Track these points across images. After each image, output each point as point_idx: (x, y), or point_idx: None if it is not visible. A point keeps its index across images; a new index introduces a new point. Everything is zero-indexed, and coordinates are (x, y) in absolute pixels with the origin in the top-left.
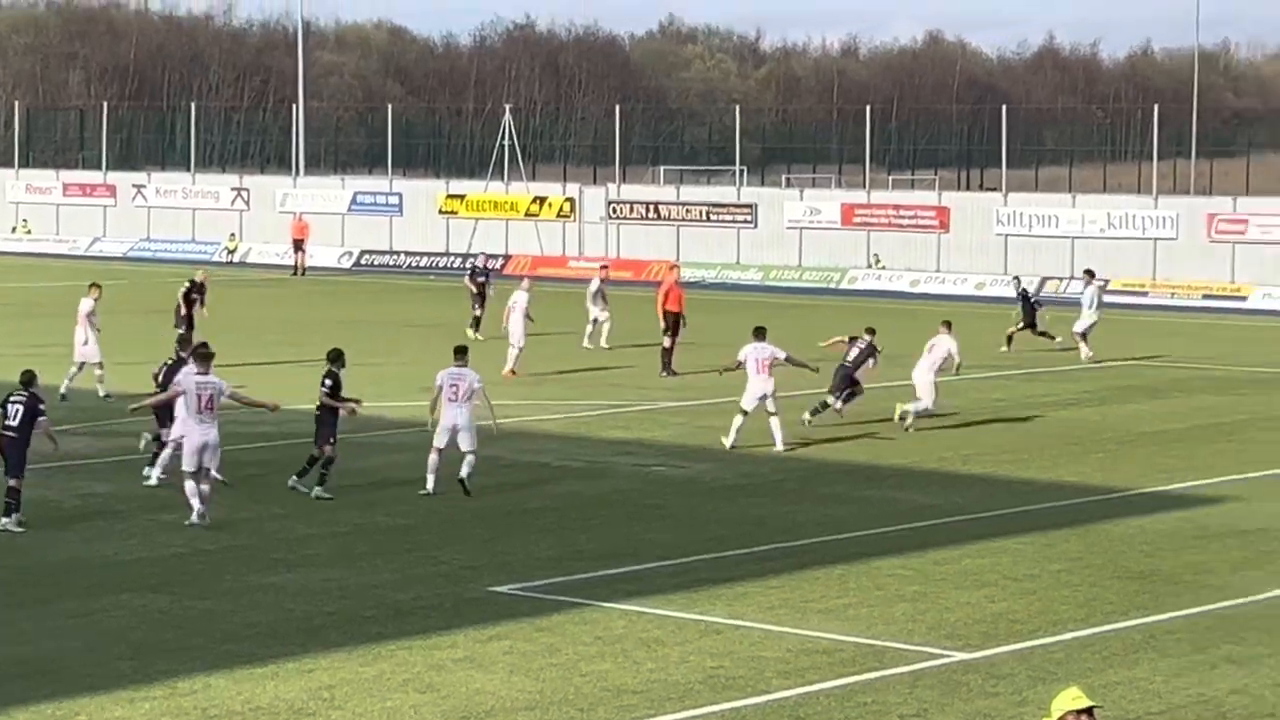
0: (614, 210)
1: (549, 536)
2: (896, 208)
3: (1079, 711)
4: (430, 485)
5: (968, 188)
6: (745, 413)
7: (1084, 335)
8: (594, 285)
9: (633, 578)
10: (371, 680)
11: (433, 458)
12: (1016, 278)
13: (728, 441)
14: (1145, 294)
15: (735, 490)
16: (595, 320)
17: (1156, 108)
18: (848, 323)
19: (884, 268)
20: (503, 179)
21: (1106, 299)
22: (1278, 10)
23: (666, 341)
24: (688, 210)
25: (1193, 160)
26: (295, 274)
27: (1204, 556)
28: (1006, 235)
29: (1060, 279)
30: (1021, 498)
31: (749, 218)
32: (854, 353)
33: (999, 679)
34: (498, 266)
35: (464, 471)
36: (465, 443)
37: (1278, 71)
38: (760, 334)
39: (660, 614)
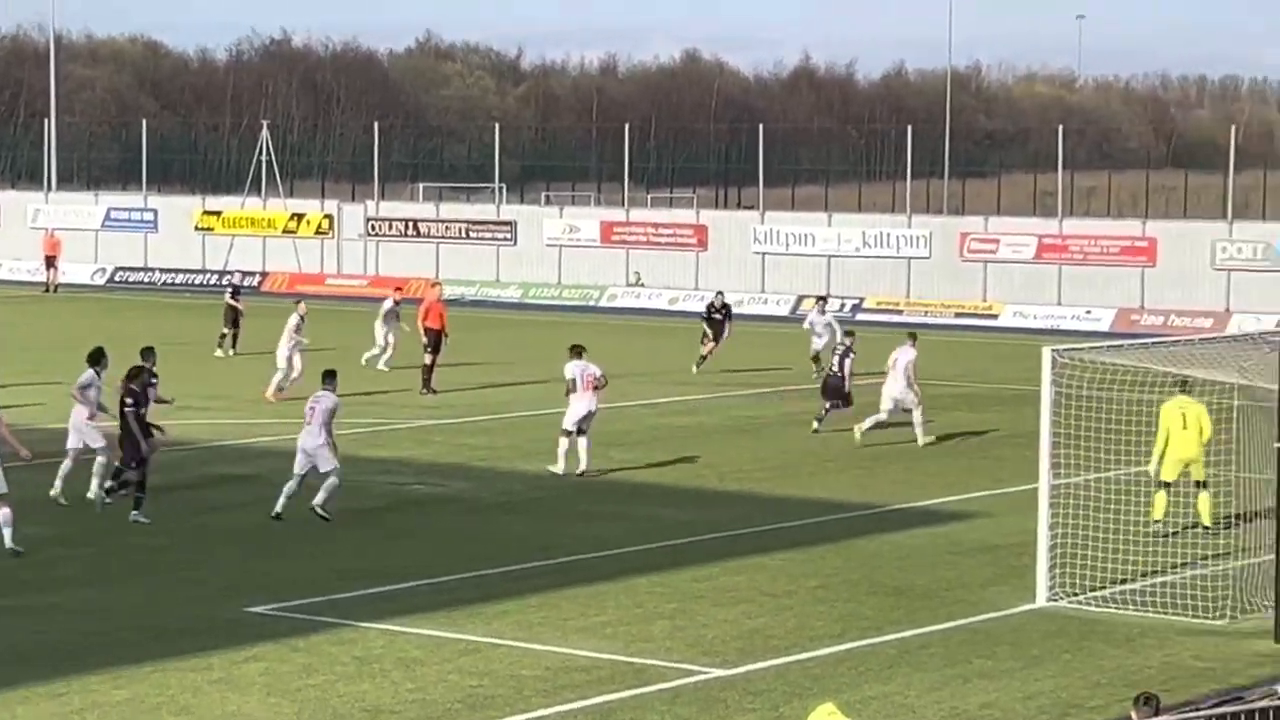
0: (373, 227)
1: (307, 556)
2: (655, 226)
3: None
4: (279, 506)
5: (725, 206)
6: (569, 433)
7: (816, 358)
8: (387, 305)
9: (391, 597)
10: (125, 703)
11: (290, 483)
12: (720, 293)
13: (558, 468)
14: (900, 312)
15: (495, 509)
16: (384, 342)
17: (910, 128)
18: (607, 341)
19: (643, 285)
20: (260, 195)
21: (861, 317)
22: (1028, 33)
23: (427, 359)
24: (447, 227)
25: (945, 180)
26: (47, 290)
27: (957, 571)
28: (764, 253)
29: (826, 296)
30: (778, 514)
31: (508, 235)
32: (836, 363)
33: (755, 695)
34: (255, 284)
35: (318, 498)
36: (321, 465)
37: (1027, 93)
38: (578, 352)
39: (419, 633)
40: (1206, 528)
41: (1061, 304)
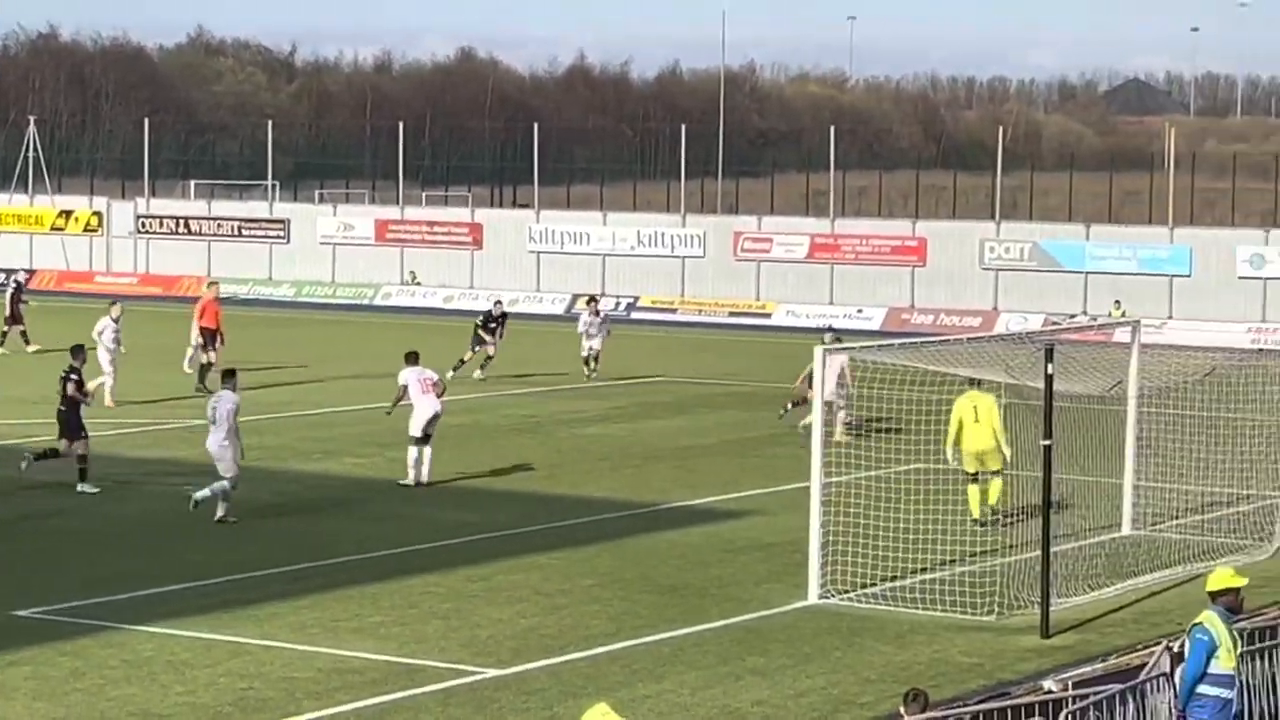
0: (144, 225)
1: (74, 558)
2: (430, 224)
3: None
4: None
5: (501, 205)
6: (418, 440)
7: (587, 360)
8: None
9: (160, 600)
10: None
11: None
12: (499, 302)
13: (410, 479)
14: (674, 311)
15: (269, 509)
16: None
17: (685, 127)
18: (382, 340)
19: (419, 284)
20: (27, 192)
21: (636, 316)
22: (800, 34)
23: (203, 358)
24: (219, 225)
25: (719, 179)
26: None
27: (730, 570)
28: (539, 252)
29: (597, 296)
30: (553, 513)
31: (282, 233)
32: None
33: (529, 694)
34: (24, 280)
35: (202, 492)
36: (221, 469)
37: (800, 93)
38: (413, 359)
39: (189, 635)
40: (975, 519)
41: (833, 303)
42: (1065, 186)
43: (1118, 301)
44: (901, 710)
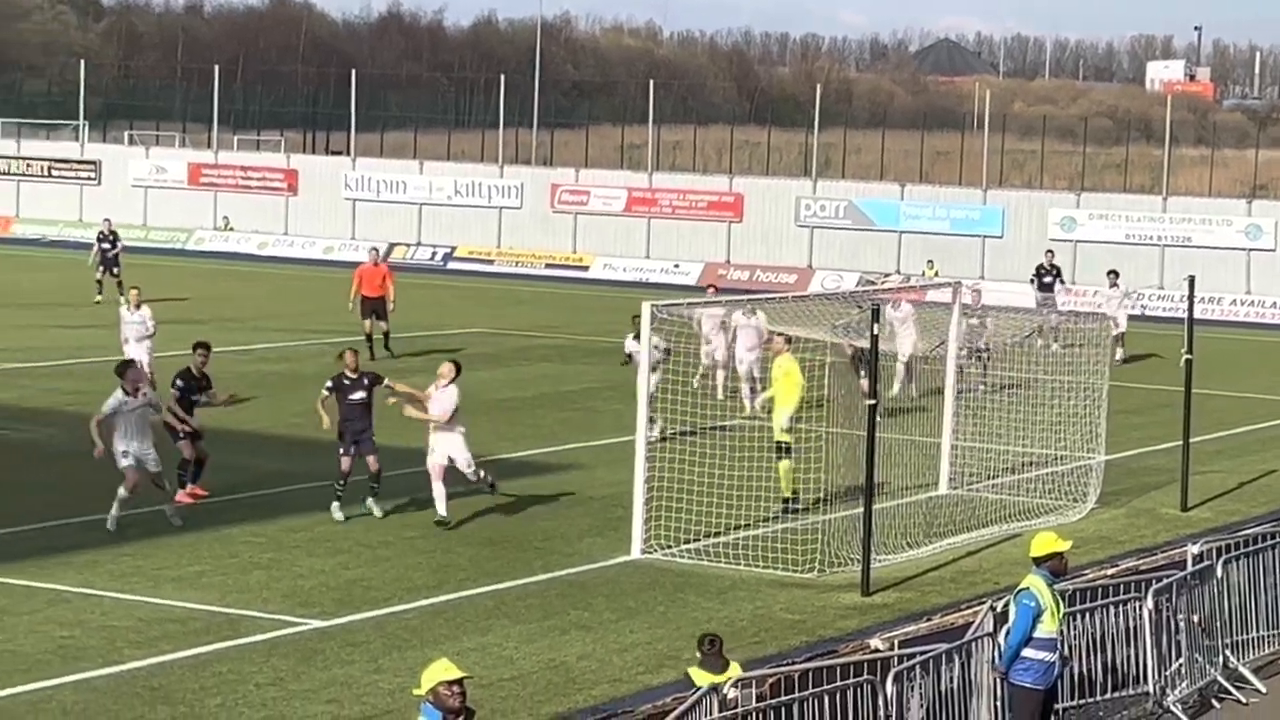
0: None
1: None
2: (245, 169)
3: (450, 683)
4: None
5: (314, 151)
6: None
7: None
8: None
9: None
10: None
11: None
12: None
13: None
14: (491, 261)
15: (84, 455)
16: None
17: (502, 77)
18: (195, 286)
19: (232, 230)
20: None
21: (453, 266)
22: None
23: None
24: (28, 165)
25: (534, 130)
26: None
27: (553, 523)
28: (355, 200)
29: (408, 245)
30: None
31: (92, 174)
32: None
33: (354, 646)
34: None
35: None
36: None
37: (614, 44)
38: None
39: (6, 582)
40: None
41: (650, 257)
42: (878, 145)
43: (930, 261)
44: (698, 655)
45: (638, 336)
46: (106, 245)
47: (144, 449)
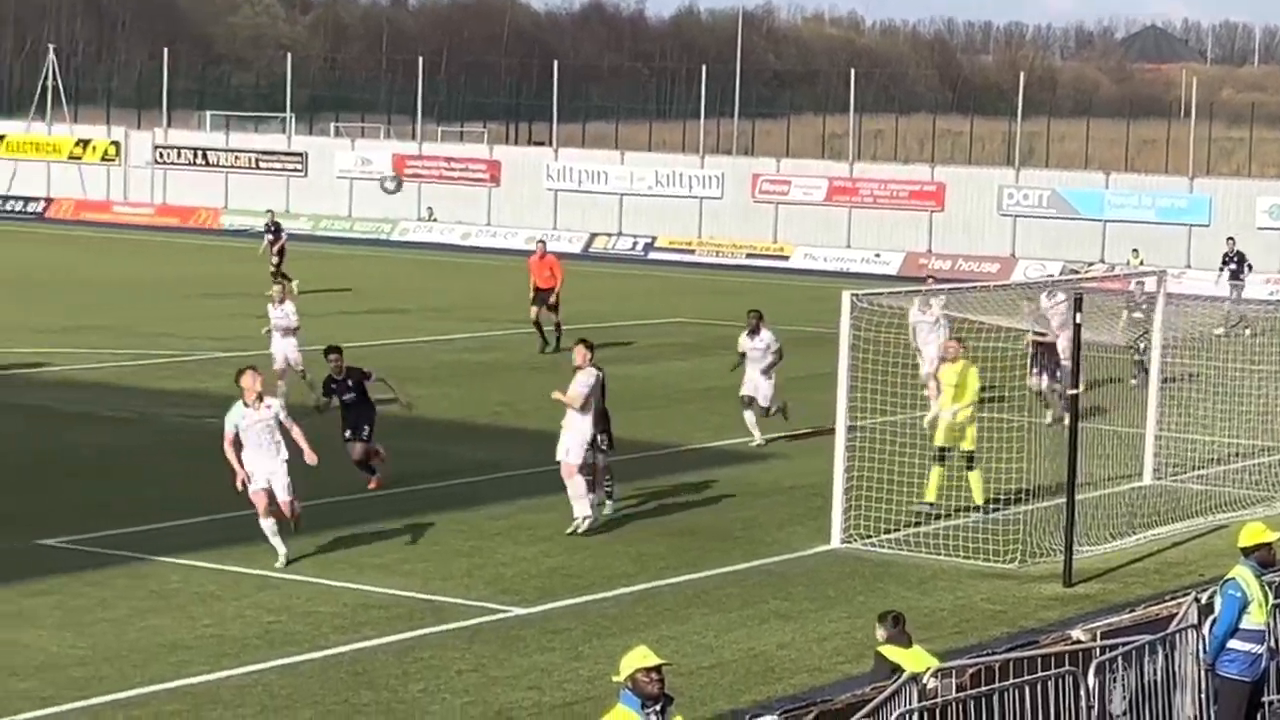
0: (161, 155)
1: (99, 488)
2: (448, 160)
3: (649, 669)
4: None
5: (516, 142)
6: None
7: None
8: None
9: (187, 531)
10: None
11: None
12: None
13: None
14: (692, 252)
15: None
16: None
17: (704, 67)
18: (398, 274)
19: (436, 220)
20: (45, 120)
21: (654, 256)
22: None
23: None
24: (237, 157)
25: (735, 120)
26: None
27: (753, 512)
28: (557, 190)
29: (609, 235)
30: None
31: (299, 166)
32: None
33: (555, 634)
34: (40, 210)
35: None
36: None
37: (816, 34)
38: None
39: (216, 568)
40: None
41: (851, 246)
42: (1082, 133)
43: (1136, 250)
44: (878, 629)
45: (751, 334)
46: (270, 236)
47: (273, 467)
